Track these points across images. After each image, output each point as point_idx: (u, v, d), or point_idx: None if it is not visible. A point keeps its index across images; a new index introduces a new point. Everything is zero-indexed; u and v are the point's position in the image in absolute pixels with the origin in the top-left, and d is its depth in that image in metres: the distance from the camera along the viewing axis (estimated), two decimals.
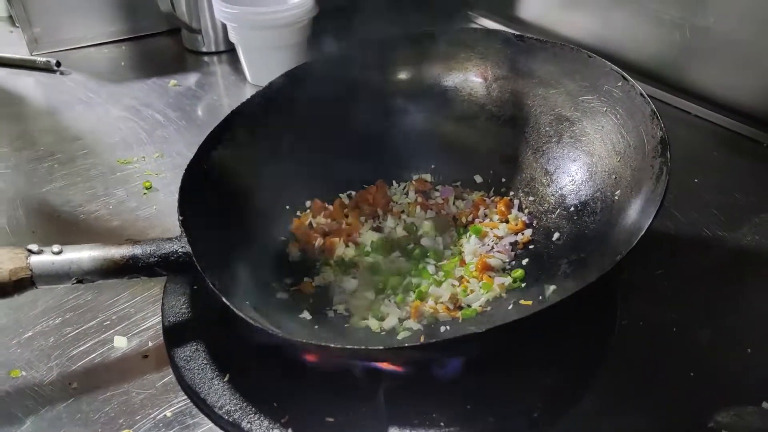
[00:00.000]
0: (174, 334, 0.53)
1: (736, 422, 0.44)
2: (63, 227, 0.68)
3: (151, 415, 0.48)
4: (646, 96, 0.52)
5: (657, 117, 0.50)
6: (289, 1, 0.91)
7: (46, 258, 0.46)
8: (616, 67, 0.56)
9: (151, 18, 1.10)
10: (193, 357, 0.51)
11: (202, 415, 0.48)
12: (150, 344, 0.54)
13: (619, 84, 0.55)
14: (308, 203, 0.65)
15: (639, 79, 0.84)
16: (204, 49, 1.06)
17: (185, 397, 0.49)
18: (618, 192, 0.53)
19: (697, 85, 0.84)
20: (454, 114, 0.68)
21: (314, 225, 0.63)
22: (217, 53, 1.06)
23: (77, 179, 0.76)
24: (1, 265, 0.43)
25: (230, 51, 1.04)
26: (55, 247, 0.46)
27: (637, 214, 0.48)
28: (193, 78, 0.99)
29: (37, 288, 0.46)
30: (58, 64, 1.00)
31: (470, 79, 0.67)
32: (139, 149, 0.81)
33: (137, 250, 0.49)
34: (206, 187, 0.57)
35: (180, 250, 0.49)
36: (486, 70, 0.66)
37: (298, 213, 0.65)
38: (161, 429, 0.47)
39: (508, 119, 0.65)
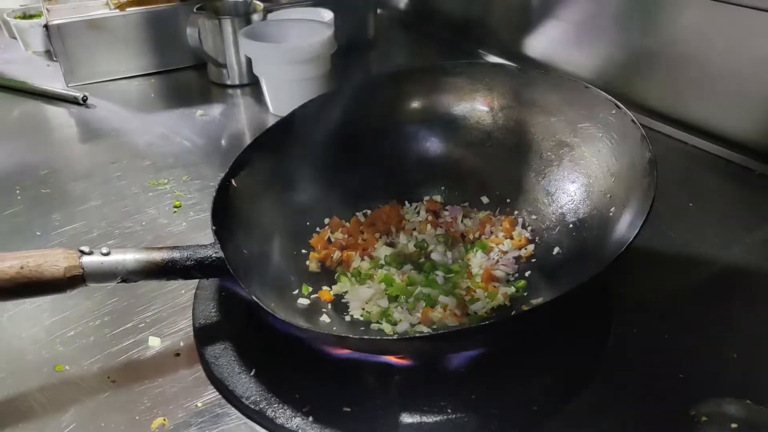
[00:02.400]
0: (204, 335, 0.58)
1: (715, 410, 0.47)
2: (101, 241, 0.73)
3: (184, 405, 0.52)
4: (636, 122, 0.58)
5: (646, 140, 0.56)
6: (311, 38, 0.98)
7: (96, 258, 0.51)
8: (609, 97, 0.62)
9: (179, 53, 1.17)
10: (222, 354, 0.55)
11: (229, 406, 0.52)
12: (181, 344, 0.58)
13: (613, 111, 0.61)
14: (327, 220, 0.70)
15: (639, 113, 0.90)
16: (229, 82, 1.13)
17: (214, 389, 0.53)
18: (613, 209, 0.58)
19: (693, 117, 0.90)
20: (462, 140, 0.73)
21: (332, 240, 0.68)
22: (241, 86, 1.13)
23: (112, 198, 0.81)
24: (57, 263, 0.49)
25: (254, 84, 1.10)
26: (104, 249, 0.51)
27: (626, 227, 0.52)
28: (218, 108, 1.06)
29: (87, 285, 0.51)
30: (85, 98, 1.07)
31: (477, 108, 0.73)
32: (169, 173, 0.87)
33: (176, 254, 0.54)
34: (234, 204, 0.62)
35: (213, 255, 0.55)
36: (492, 100, 0.72)
37: (318, 229, 0.70)
38: (193, 418, 0.51)
39: (512, 145, 0.70)
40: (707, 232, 0.71)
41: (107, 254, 0.51)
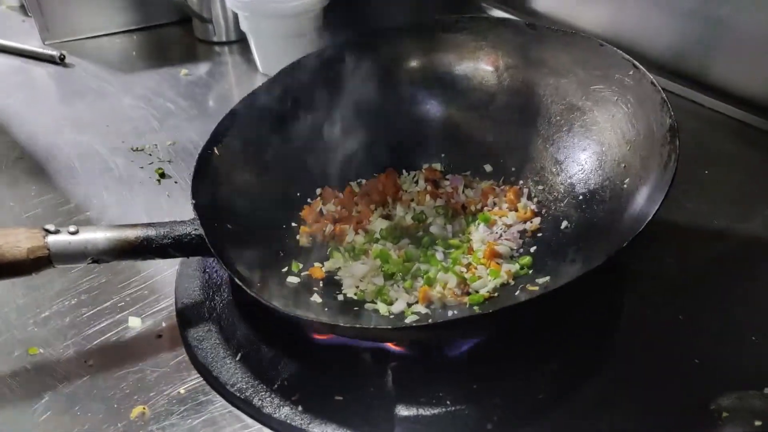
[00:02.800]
0: (187, 316, 0.54)
1: (737, 405, 0.44)
2: (80, 212, 0.69)
3: (165, 392, 0.49)
4: (656, 84, 0.53)
5: (667, 105, 0.51)
6: None
7: (63, 238, 0.47)
8: (627, 56, 0.56)
9: (162, 8, 1.11)
10: (206, 337, 0.52)
11: (214, 393, 0.49)
12: (163, 325, 0.55)
13: (630, 72, 0.56)
14: (318, 191, 0.66)
15: (652, 72, 0.85)
16: (215, 39, 1.07)
17: (198, 375, 0.50)
18: (627, 180, 0.53)
19: (710, 77, 0.84)
20: (464, 103, 0.68)
21: (324, 212, 0.64)
22: (228, 43, 1.07)
23: (92, 165, 0.77)
24: (20, 244, 0.44)
25: (241, 41, 1.04)
26: (72, 227, 0.47)
27: (644, 201, 0.48)
28: (204, 68, 1.00)
29: (54, 267, 0.47)
30: (62, 57, 1.01)
31: (481, 68, 0.67)
32: (152, 137, 0.82)
33: (151, 232, 0.49)
34: (219, 173, 0.58)
35: (193, 232, 0.50)
36: (497, 59, 0.66)
37: (309, 200, 0.65)
38: (175, 405, 0.48)
39: (518, 108, 0.65)
40: (724, 203, 0.67)
41: (75, 233, 0.47)
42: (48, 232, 0.46)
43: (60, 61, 1.01)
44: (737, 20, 0.78)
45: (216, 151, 0.58)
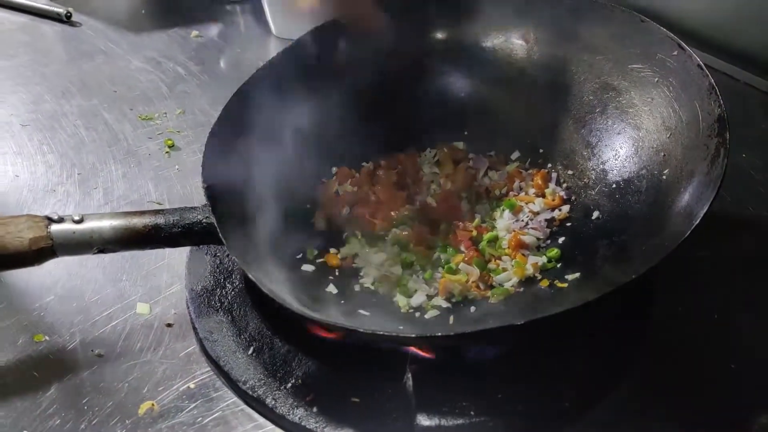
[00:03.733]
0: (198, 305, 0.52)
1: None
2: (85, 184, 0.66)
3: (174, 386, 0.47)
4: (704, 68, 0.48)
5: (716, 92, 0.47)
6: None
7: (67, 227, 0.44)
8: (671, 34, 0.52)
9: None
10: (217, 329, 0.50)
11: (225, 389, 0.47)
12: (173, 312, 0.53)
13: (675, 53, 0.51)
14: (334, 170, 0.63)
15: (700, 50, 0.79)
16: None
17: (209, 369, 0.48)
18: (666, 171, 0.50)
19: (747, 49, 0.79)
20: (490, 77, 0.64)
21: (340, 192, 0.61)
22: (241, 2, 1.02)
23: (98, 134, 0.74)
24: (21, 234, 0.42)
25: (254, 1, 0.99)
26: (76, 215, 0.44)
27: (689, 198, 0.45)
28: (215, 29, 0.96)
29: (57, 257, 0.45)
30: (69, 15, 0.97)
31: (511, 40, 0.63)
32: (161, 104, 0.79)
33: (160, 220, 0.47)
34: (230, 152, 0.55)
35: (204, 220, 0.48)
36: (528, 31, 0.62)
37: (324, 179, 0.62)
38: (185, 401, 0.46)
39: (549, 85, 0.61)
40: (762, 190, 0.63)
41: (80, 221, 0.44)
42: (51, 220, 0.44)
43: (66, 19, 0.97)
44: None
45: (228, 128, 0.55)
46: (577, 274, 0.50)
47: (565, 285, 0.49)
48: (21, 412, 0.45)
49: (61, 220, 0.44)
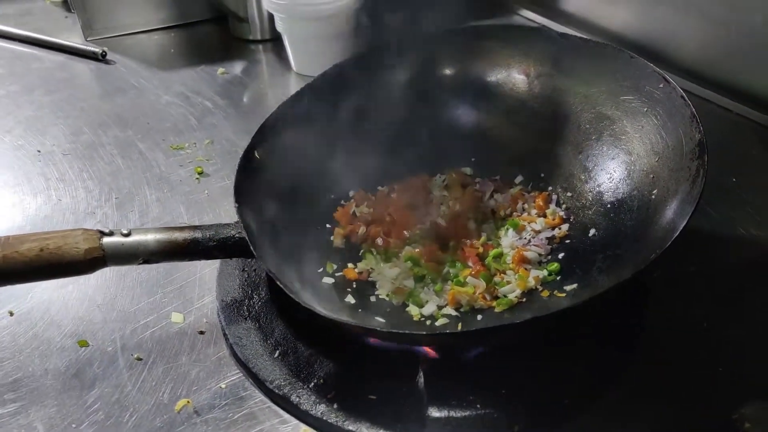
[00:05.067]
0: (227, 314, 0.57)
1: (761, 415, 0.45)
2: (123, 207, 0.72)
3: (208, 387, 0.52)
4: (686, 99, 0.54)
5: (696, 120, 0.52)
6: None
7: (117, 239, 0.49)
8: (658, 69, 0.57)
9: (199, 6, 1.14)
10: (245, 335, 0.54)
11: (253, 388, 0.51)
12: (205, 321, 0.57)
13: (661, 85, 0.57)
14: (351, 193, 0.68)
15: (680, 76, 0.84)
16: (251, 38, 1.09)
17: (238, 371, 0.53)
18: (655, 191, 0.54)
19: (740, 83, 0.84)
20: (495, 109, 0.70)
21: (357, 214, 0.66)
22: (263, 41, 1.09)
23: (133, 162, 0.80)
24: (78, 245, 0.47)
25: (276, 40, 1.06)
26: (124, 230, 0.50)
27: (673, 214, 0.49)
28: (239, 66, 1.03)
29: (107, 266, 0.50)
30: (104, 54, 1.04)
31: (513, 75, 0.69)
32: (190, 135, 0.85)
33: (198, 234, 0.52)
34: (258, 176, 0.60)
35: (237, 235, 0.53)
36: (529, 67, 0.68)
37: (343, 202, 0.67)
38: (217, 399, 0.51)
39: (549, 116, 0.66)
40: (750, 209, 0.67)
41: (128, 235, 0.50)
42: (103, 234, 0.49)
43: (101, 58, 1.04)
44: (761, 25, 0.78)
45: (256, 155, 0.61)
46: (575, 285, 0.54)
47: (564, 295, 0.54)
48: (69, 408, 0.50)
49: (111, 233, 0.49)
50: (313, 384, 0.50)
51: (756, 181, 0.72)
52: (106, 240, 0.49)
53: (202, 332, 0.56)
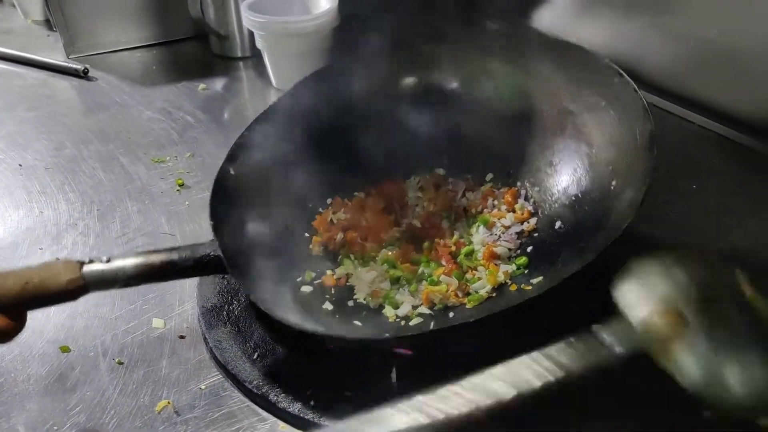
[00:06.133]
0: (207, 319, 0.58)
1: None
2: (105, 220, 0.73)
3: (188, 388, 0.53)
4: (638, 91, 0.56)
5: (648, 113, 0.54)
6: (313, 11, 0.96)
7: (97, 267, 0.50)
8: (612, 64, 0.59)
9: (181, 24, 1.15)
10: (225, 338, 0.56)
11: (233, 389, 0.53)
12: (185, 326, 0.59)
13: (615, 80, 0.58)
14: (329, 200, 0.70)
15: (645, 89, 0.87)
16: (231, 55, 1.11)
17: (218, 373, 0.54)
18: (614, 182, 0.56)
19: (701, 96, 0.87)
20: (464, 111, 0.71)
21: (335, 221, 0.68)
22: (244, 59, 1.11)
23: (115, 175, 0.81)
24: (60, 277, 0.49)
25: (256, 57, 1.08)
26: (105, 257, 0.51)
27: (626, 205, 0.51)
28: (220, 82, 1.05)
29: (89, 293, 0.51)
30: (86, 71, 1.06)
31: (478, 77, 0.71)
32: (172, 149, 0.87)
33: (174, 256, 0.53)
34: (235, 190, 0.62)
35: (212, 253, 0.54)
36: (493, 68, 0.70)
37: (320, 209, 0.69)
38: (197, 400, 0.52)
39: (515, 114, 0.68)
40: (709, 215, 0.70)
41: (107, 261, 0.51)
42: (83, 263, 0.50)
43: (84, 75, 1.05)
44: (722, 41, 0.82)
45: (231, 171, 0.62)
46: (540, 278, 0.56)
47: (530, 287, 0.56)
48: (51, 411, 0.51)
49: (91, 261, 0.51)
50: (291, 382, 0.51)
51: (716, 188, 0.75)
52: (86, 269, 0.50)
53: (182, 336, 0.58)
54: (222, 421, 0.50)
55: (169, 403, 0.51)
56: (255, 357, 0.54)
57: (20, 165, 0.83)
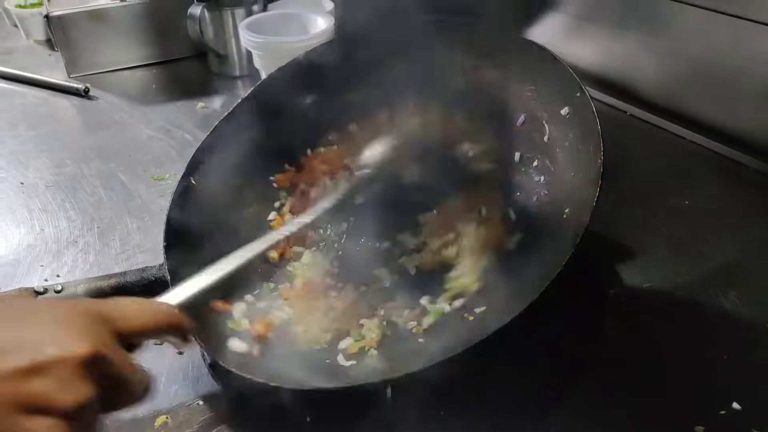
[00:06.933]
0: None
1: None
2: (105, 236, 0.75)
3: (186, 404, 0.54)
4: (596, 114, 0.55)
5: (594, 114, 0.54)
6: (310, 31, 0.98)
7: (49, 296, 0.53)
8: (575, 75, 0.59)
9: (180, 43, 1.17)
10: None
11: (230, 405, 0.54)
12: None
13: (578, 94, 0.58)
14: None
15: (639, 107, 0.90)
16: (229, 73, 1.13)
17: (216, 388, 0.55)
18: (567, 210, 0.56)
19: (690, 111, 0.90)
20: (427, 119, 0.72)
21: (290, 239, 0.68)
22: (242, 77, 1.13)
23: (115, 192, 0.82)
24: None
25: (254, 75, 1.10)
26: (58, 286, 0.53)
27: (573, 233, 0.49)
28: (219, 100, 1.07)
29: None
30: (87, 90, 1.07)
31: (446, 80, 0.71)
32: (171, 166, 0.88)
33: (123, 280, 0.56)
34: (194, 207, 0.65)
35: (162, 277, 0.56)
36: (461, 68, 0.70)
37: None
38: (195, 416, 0.53)
39: (484, 116, 0.68)
40: (702, 230, 0.72)
41: (60, 291, 0.53)
42: (37, 293, 0.52)
43: (84, 94, 1.07)
44: (711, 59, 0.84)
45: (192, 181, 0.65)
46: (483, 308, 0.56)
47: (472, 318, 0.55)
48: None
49: (45, 290, 0.53)
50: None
51: (707, 203, 0.77)
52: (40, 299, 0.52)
53: (180, 353, 0.59)
54: None
55: (167, 418, 0.52)
56: None
57: (22, 183, 0.84)
